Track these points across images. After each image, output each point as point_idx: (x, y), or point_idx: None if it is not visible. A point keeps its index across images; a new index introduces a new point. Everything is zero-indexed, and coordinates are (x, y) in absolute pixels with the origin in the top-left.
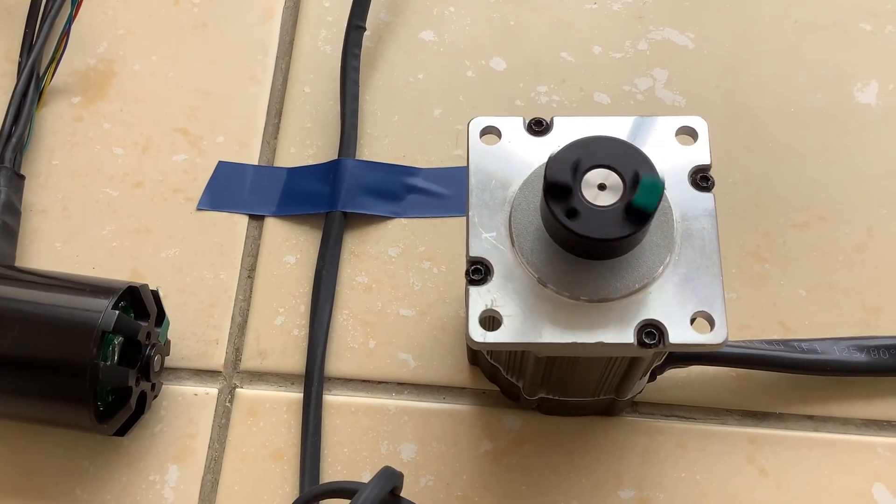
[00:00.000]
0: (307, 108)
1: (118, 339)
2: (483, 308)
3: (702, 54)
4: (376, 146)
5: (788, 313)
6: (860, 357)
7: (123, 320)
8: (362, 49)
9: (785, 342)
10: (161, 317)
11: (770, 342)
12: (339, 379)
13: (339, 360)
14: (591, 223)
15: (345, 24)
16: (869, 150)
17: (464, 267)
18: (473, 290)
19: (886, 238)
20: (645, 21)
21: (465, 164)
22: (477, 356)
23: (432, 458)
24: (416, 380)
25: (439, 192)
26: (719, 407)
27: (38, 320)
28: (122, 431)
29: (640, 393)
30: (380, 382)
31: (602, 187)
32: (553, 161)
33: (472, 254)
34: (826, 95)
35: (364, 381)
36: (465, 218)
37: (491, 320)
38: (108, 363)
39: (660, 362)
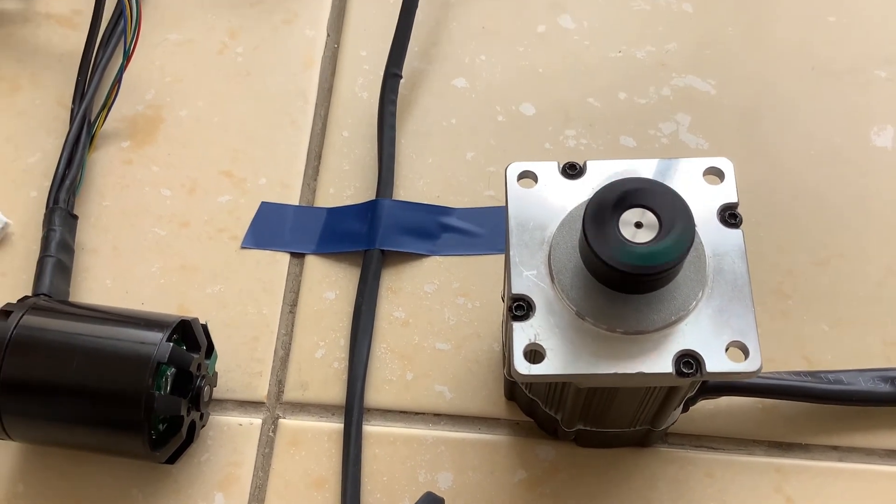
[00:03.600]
0: (345, 151)
1: (171, 370)
2: (527, 342)
3: (723, 99)
4: (412, 187)
5: (812, 347)
6: (885, 387)
7: (177, 352)
8: (398, 95)
9: (812, 373)
10: (210, 349)
11: (797, 373)
12: (377, 410)
13: (378, 392)
14: (618, 256)
15: (381, 72)
16: (886, 192)
17: (497, 302)
18: (517, 325)
19: None
20: (668, 68)
21: (498, 205)
22: (514, 390)
23: (468, 486)
24: (452, 411)
25: (473, 231)
26: (746, 438)
27: (96, 352)
28: (172, 459)
29: (673, 424)
30: (417, 413)
31: (639, 225)
32: (595, 198)
33: (515, 291)
34: (844, 139)
35: (402, 412)
36: (499, 255)
37: (534, 354)
38: (163, 393)
39: (692, 393)
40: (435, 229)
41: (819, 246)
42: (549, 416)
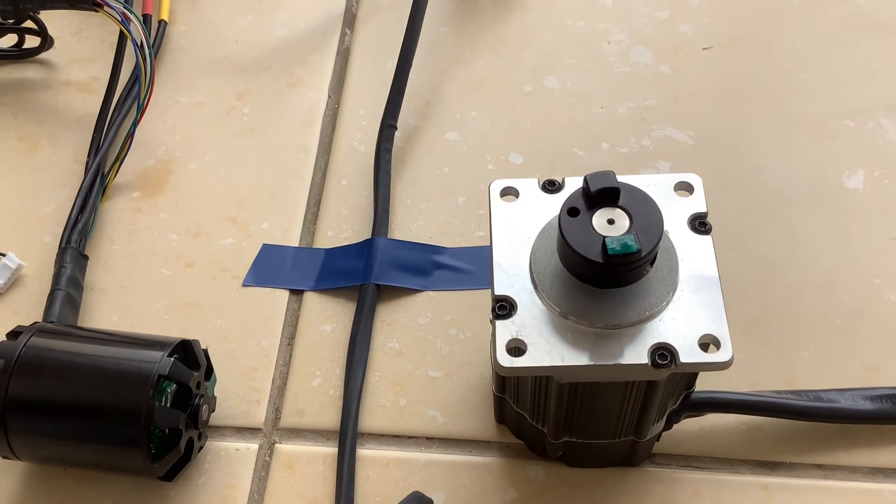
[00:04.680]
0: (343, 197)
1: (171, 388)
2: (509, 338)
3: (700, 148)
4: (406, 229)
5: (793, 372)
6: (866, 405)
7: (177, 367)
8: (394, 148)
9: (794, 392)
10: (210, 372)
11: (779, 392)
12: (371, 434)
13: (372, 417)
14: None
15: (378, 127)
16: (859, 229)
17: (488, 332)
18: (500, 322)
19: (881, 305)
20: (647, 122)
21: (489, 240)
22: (503, 411)
23: None
24: (444, 434)
25: (464, 268)
26: (732, 457)
27: (100, 369)
28: (170, 476)
29: (658, 440)
30: (410, 437)
31: (611, 222)
32: (569, 199)
33: (498, 292)
34: (816, 182)
35: (395, 436)
36: (488, 291)
37: (516, 349)
38: (162, 405)
39: (675, 406)
40: (428, 266)
41: (798, 279)
42: (537, 430)
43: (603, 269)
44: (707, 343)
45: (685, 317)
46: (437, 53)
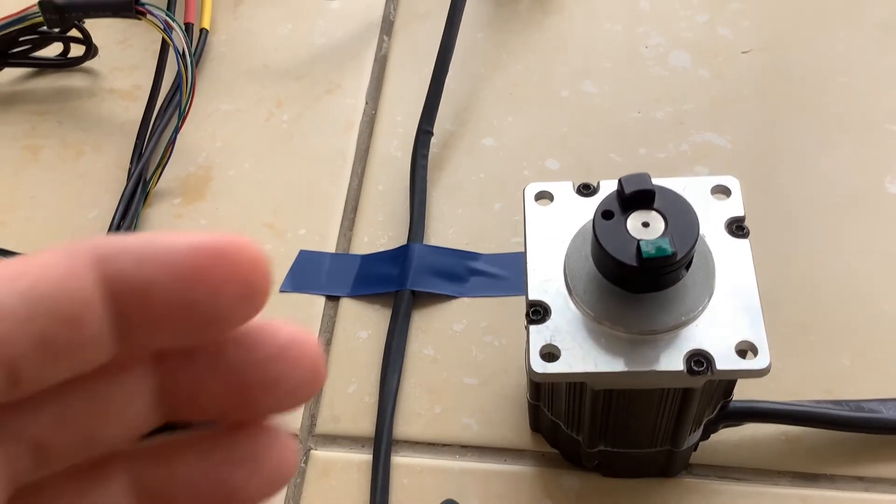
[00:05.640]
0: (380, 203)
1: None
2: (543, 343)
3: (739, 152)
4: (442, 235)
5: (834, 381)
6: None
7: None
8: (430, 154)
9: (834, 401)
10: None
11: (819, 402)
12: (406, 441)
13: (407, 424)
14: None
15: (414, 133)
16: None
17: (523, 340)
18: (533, 328)
19: None
20: (685, 126)
21: (523, 245)
22: (538, 419)
23: None
24: (478, 442)
25: (499, 275)
26: (771, 469)
27: None
28: None
29: (695, 450)
30: (444, 445)
31: (646, 225)
32: (603, 203)
33: (532, 297)
34: (858, 186)
35: (429, 443)
36: (523, 297)
37: (550, 355)
38: None
39: (712, 415)
40: (463, 273)
41: (838, 285)
42: (571, 439)
43: (637, 273)
44: (744, 349)
45: (722, 322)
46: (474, 59)
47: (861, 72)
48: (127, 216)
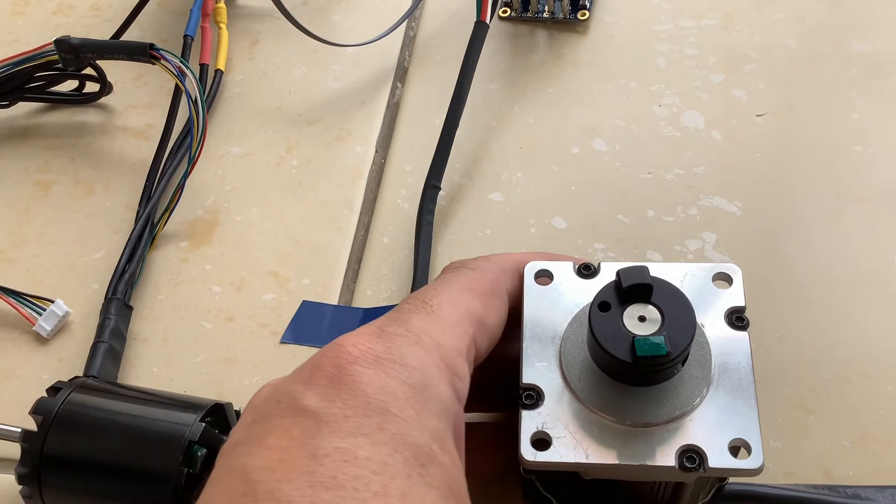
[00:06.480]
0: (384, 256)
1: (202, 452)
2: (534, 430)
3: (748, 220)
4: None
5: (832, 463)
6: None
7: (208, 432)
8: (437, 207)
9: (830, 487)
10: None
11: (815, 487)
12: None
13: None
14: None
15: (423, 186)
16: None
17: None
18: (525, 413)
19: None
20: (695, 190)
21: (521, 325)
22: (530, 492)
23: None
24: None
25: None
26: None
27: (133, 431)
28: None
29: None
30: None
31: (642, 319)
32: (600, 293)
33: (525, 381)
34: (867, 261)
35: None
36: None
37: (541, 442)
38: (192, 471)
39: (707, 499)
40: None
41: (842, 364)
42: None
43: (631, 369)
44: (737, 447)
45: (716, 417)
46: (485, 110)
47: (875, 141)
48: (133, 259)
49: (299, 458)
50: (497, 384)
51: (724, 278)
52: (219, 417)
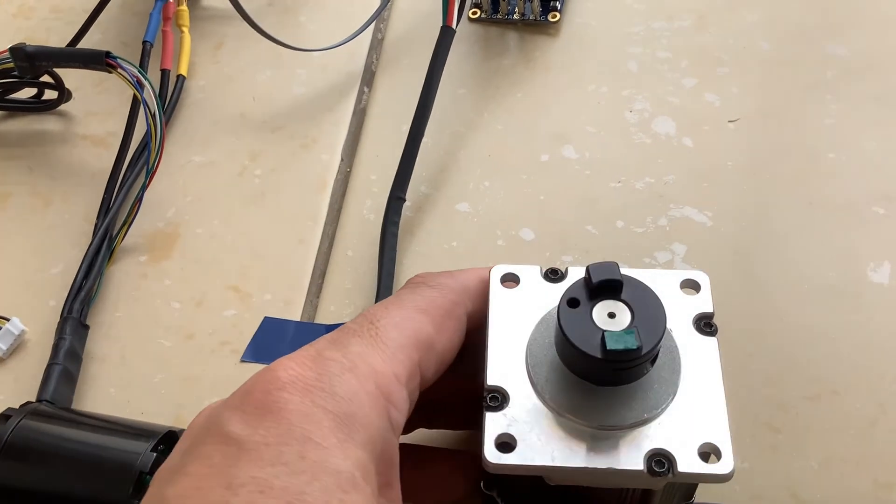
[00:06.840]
0: (349, 269)
1: None
2: (499, 432)
3: (719, 231)
4: None
5: (800, 485)
6: None
7: (160, 462)
8: (403, 218)
9: None
10: None
11: None
12: None
13: None
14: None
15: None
16: (882, 328)
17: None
18: (490, 415)
19: None
20: (665, 199)
21: (485, 328)
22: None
23: None
24: None
25: None
26: None
27: (84, 460)
28: None
29: None
30: None
31: (612, 315)
32: (570, 290)
33: (490, 383)
34: (839, 274)
35: None
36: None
37: (505, 445)
38: None
39: None
40: None
41: (811, 381)
42: None
43: (601, 366)
44: (707, 452)
45: (686, 422)
46: (454, 117)
47: (850, 148)
48: (90, 275)
49: (215, 488)
50: (466, 404)
51: (691, 285)
52: (171, 445)
